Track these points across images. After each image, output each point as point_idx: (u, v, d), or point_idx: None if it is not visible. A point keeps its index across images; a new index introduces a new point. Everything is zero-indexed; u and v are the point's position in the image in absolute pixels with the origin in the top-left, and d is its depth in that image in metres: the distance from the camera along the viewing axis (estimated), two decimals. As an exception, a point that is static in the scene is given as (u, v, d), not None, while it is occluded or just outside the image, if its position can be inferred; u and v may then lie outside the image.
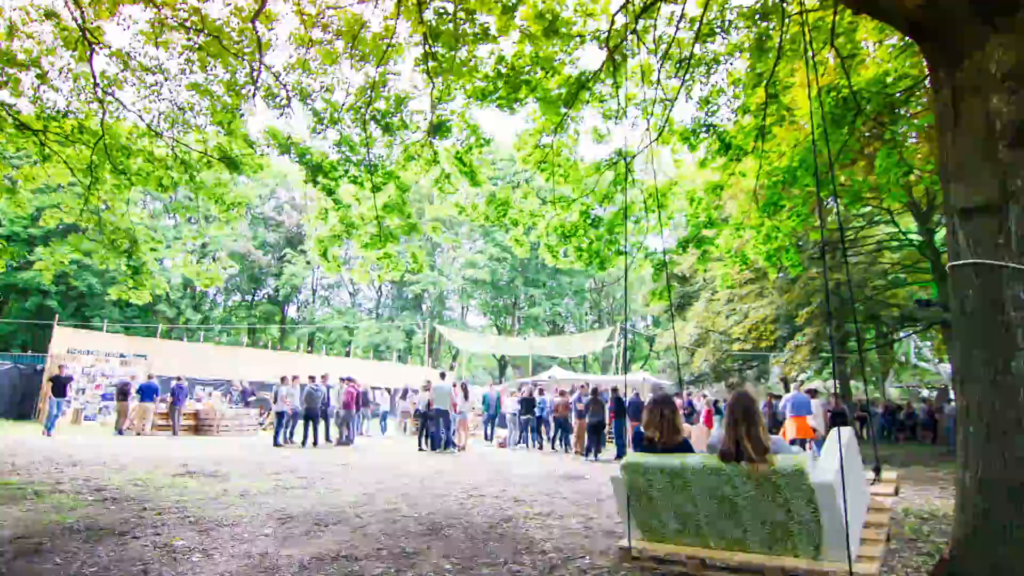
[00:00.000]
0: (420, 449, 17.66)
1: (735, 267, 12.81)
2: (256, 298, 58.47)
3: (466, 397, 18.65)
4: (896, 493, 5.94)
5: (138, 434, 19.39)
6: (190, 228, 13.61)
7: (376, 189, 12.11)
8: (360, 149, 11.65)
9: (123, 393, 19.79)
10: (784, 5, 8.95)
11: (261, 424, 24.07)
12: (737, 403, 5.03)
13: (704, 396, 21.89)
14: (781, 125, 11.04)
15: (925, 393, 38.07)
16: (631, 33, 8.94)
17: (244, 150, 12.01)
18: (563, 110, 11.07)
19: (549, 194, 13.04)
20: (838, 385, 21.75)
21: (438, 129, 11.36)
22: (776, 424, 16.57)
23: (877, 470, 6.04)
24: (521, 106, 11.13)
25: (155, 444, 16.73)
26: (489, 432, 22.20)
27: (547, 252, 13.11)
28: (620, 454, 16.33)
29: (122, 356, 25.30)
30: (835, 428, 5.17)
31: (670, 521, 5.20)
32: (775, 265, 12.28)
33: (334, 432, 19.63)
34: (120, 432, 19.28)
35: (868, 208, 22.24)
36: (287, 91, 10.68)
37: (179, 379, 20.81)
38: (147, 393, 19.90)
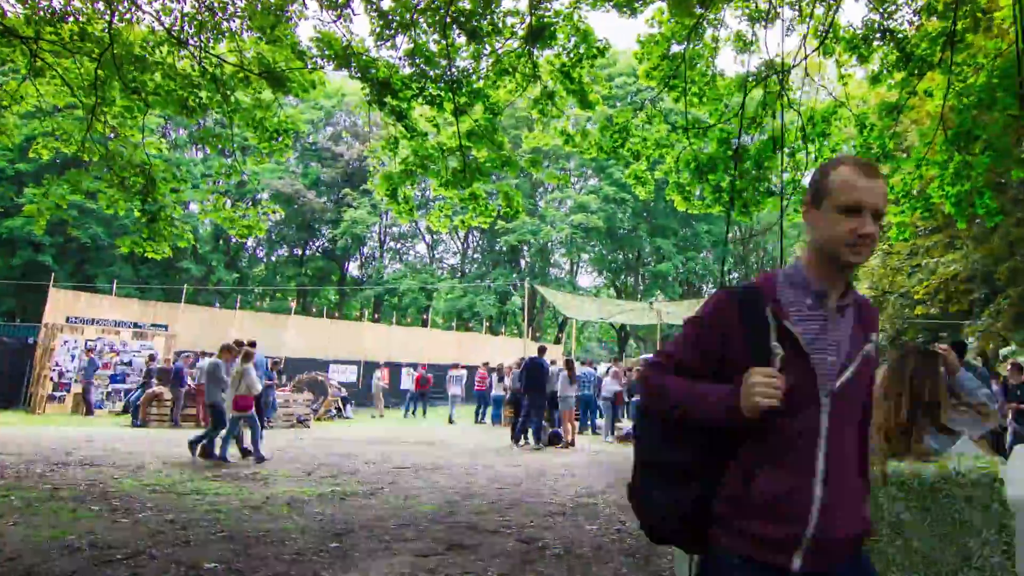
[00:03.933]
0: (516, 443, 17.98)
1: (915, 214, 12.43)
2: (308, 252, 59.47)
3: (571, 380, 18.45)
4: None
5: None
6: (222, 163, 13.59)
7: (459, 112, 12.04)
8: (439, 61, 11.56)
9: (179, 377, 20.13)
10: None
11: (315, 412, 24.43)
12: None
13: None
14: (976, 31, 10.69)
15: None
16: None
17: (291, 63, 12.01)
18: (698, 11, 10.78)
19: (679, 119, 12.79)
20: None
21: (539, 35, 11.17)
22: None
23: None
24: (644, 7, 10.92)
25: (177, 439, 17.18)
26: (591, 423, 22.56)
27: (675, 193, 12.90)
28: None
29: (136, 326, 25.89)
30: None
31: None
32: (964, 214, 11.93)
33: None
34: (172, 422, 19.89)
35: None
36: (345, -15, 10.65)
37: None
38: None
